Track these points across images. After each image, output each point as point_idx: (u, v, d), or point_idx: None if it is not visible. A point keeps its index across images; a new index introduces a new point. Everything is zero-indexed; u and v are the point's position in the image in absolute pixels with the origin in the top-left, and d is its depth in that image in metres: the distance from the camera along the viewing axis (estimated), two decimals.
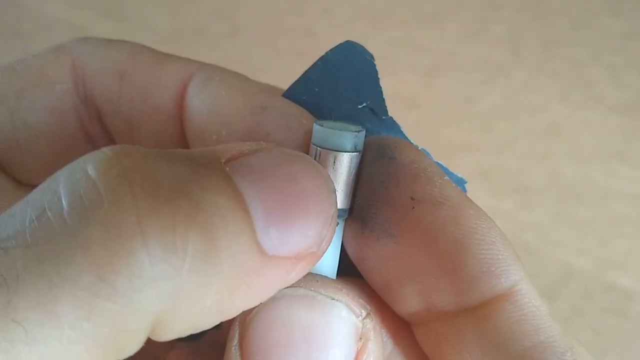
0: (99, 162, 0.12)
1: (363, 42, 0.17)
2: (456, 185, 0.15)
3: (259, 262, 0.13)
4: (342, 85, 0.17)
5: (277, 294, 0.15)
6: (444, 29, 0.46)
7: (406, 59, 0.45)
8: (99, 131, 0.21)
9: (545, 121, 0.43)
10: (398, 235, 0.15)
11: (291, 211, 0.14)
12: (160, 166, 0.13)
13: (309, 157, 0.15)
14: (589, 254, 0.39)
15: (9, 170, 0.20)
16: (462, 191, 0.15)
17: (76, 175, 0.12)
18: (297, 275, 0.14)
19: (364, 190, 0.16)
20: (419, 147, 0.17)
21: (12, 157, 0.20)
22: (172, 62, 0.19)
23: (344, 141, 0.16)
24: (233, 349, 0.15)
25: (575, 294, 0.39)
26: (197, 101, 0.18)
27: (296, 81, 0.18)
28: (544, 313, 0.14)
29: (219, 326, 0.15)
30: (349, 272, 0.17)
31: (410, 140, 0.17)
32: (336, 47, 0.17)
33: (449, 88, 0.44)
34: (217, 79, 0.18)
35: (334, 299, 0.15)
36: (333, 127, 0.16)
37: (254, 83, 0.18)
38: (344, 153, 0.16)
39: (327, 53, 0.17)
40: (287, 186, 0.14)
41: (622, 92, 0.43)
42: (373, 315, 0.16)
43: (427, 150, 0.17)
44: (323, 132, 0.16)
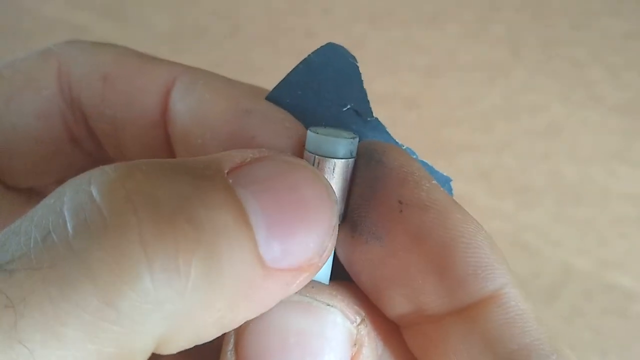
0: (103, 185, 0.12)
1: (363, 42, 0.17)
2: (444, 189, 0.16)
3: (260, 276, 0.13)
4: (326, 88, 0.17)
5: None
6: (444, 29, 0.46)
7: (406, 59, 0.45)
8: (85, 134, 0.21)
9: (545, 121, 0.43)
10: (386, 238, 0.15)
11: (293, 223, 0.14)
12: (162, 185, 0.13)
13: (311, 166, 0.15)
14: (589, 254, 0.39)
15: None
16: (449, 195, 0.16)
17: (81, 197, 0.12)
18: (298, 286, 0.14)
19: (353, 194, 0.16)
20: (403, 147, 0.17)
21: (0, 161, 0.20)
22: (157, 65, 0.19)
23: (340, 148, 0.16)
24: (229, 353, 0.15)
25: (575, 294, 0.39)
26: (181, 105, 0.18)
27: (279, 84, 0.18)
28: (530, 316, 0.15)
29: None
30: (339, 275, 0.17)
31: (397, 140, 0.17)
32: (318, 50, 0.17)
33: (449, 88, 0.44)
34: (201, 82, 0.18)
35: (329, 305, 0.15)
36: (327, 134, 0.16)
37: (238, 86, 0.18)
38: (342, 160, 0.16)
39: (309, 55, 0.17)
40: (289, 197, 0.14)
41: (622, 92, 0.43)
42: (367, 321, 0.16)
43: (413, 150, 0.17)
44: (318, 139, 0.16)
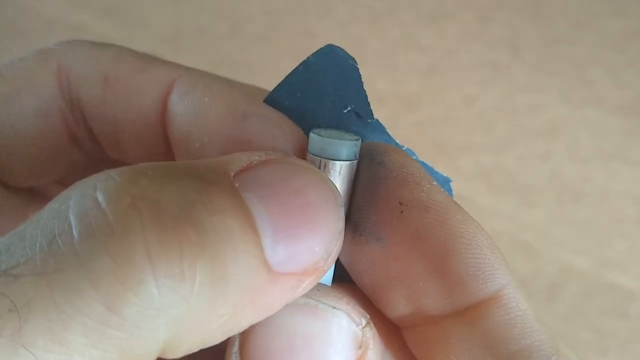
0: (109, 191, 0.12)
1: (363, 42, 0.17)
2: (444, 190, 0.16)
3: (266, 280, 0.13)
4: (326, 90, 0.17)
5: None
6: (444, 29, 0.46)
7: (406, 59, 0.45)
8: (84, 134, 0.21)
9: (545, 121, 0.43)
10: (386, 239, 0.15)
11: (299, 227, 0.14)
12: (167, 191, 0.13)
13: (317, 170, 0.15)
14: (589, 254, 0.39)
15: None
16: (449, 196, 0.16)
17: (86, 203, 0.12)
18: (303, 290, 0.14)
19: (354, 195, 0.16)
20: (404, 148, 0.17)
21: (0, 160, 0.20)
22: (156, 67, 0.19)
23: (345, 150, 0.16)
24: (233, 355, 0.15)
25: (575, 294, 0.39)
26: (179, 108, 0.18)
27: (278, 85, 0.18)
28: (530, 317, 0.15)
29: None
30: (340, 276, 0.17)
31: (397, 142, 0.17)
32: (318, 52, 0.17)
33: (449, 88, 0.44)
34: (201, 84, 0.18)
35: (334, 307, 0.15)
36: (331, 136, 0.16)
37: (237, 88, 0.18)
38: (347, 162, 0.16)
39: (308, 58, 0.17)
40: (295, 201, 0.14)
41: (622, 92, 0.43)
42: (372, 324, 0.16)
43: (413, 151, 0.17)
44: (322, 142, 0.16)
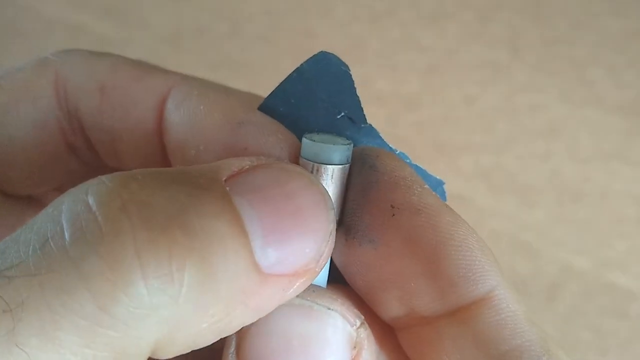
0: (100, 195, 0.13)
1: (363, 42, 0.17)
2: (435, 194, 0.16)
3: (256, 282, 0.13)
4: (319, 96, 0.17)
5: None
6: (444, 29, 0.46)
7: (406, 59, 0.45)
8: (82, 144, 0.21)
9: (545, 121, 0.43)
10: (378, 241, 0.15)
11: (289, 230, 0.14)
12: (157, 194, 0.13)
13: (308, 174, 0.15)
14: (589, 254, 0.39)
15: None
16: (441, 199, 0.16)
17: (78, 207, 0.13)
18: (295, 291, 0.14)
19: (347, 199, 0.16)
20: (397, 151, 0.17)
21: None
22: (152, 75, 0.19)
23: (337, 154, 0.16)
24: (230, 356, 0.15)
25: (575, 294, 0.39)
26: (175, 116, 0.18)
27: (272, 92, 0.18)
28: (521, 318, 0.15)
29: None
30: (334, 278, 0.17)
31: (390, 145, 0.18)
32: (311, 58, 0.17)
33: (449, 88, 0.44)
34: (196, 92, 0.18)
35: (330, 308, 0.16)
36: (323, 141, 0.16)
37: (233, 96, 0.18)
38: (339, 166, 0.16)
39: (302, 65, 0.17)
40: (286, 205, 0.14)
41: (622, 92, 0.43)
42: (367, 325, 0.16)
43: (406, 154, 0.18)
44: (315, 147, 0.16)
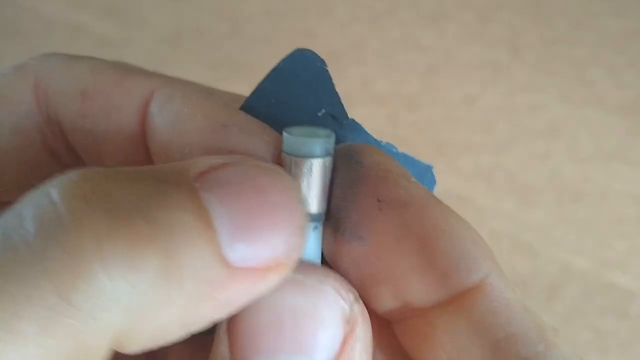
0: (62, 187, 0.13)
1: (363, 42, 0.17)
2: (424, 187, 0.16)
3: (224, 275, 0.13)
4: (298, 94, 0.17)
5: None
6: (444, 29, 0.46)
7: (406, 59, 0.45)
8: (64, 149, 0.20)
9: (545, 121, 0.43)
10: (367, 237, 0.15)
11: (258, 224, 0.14)
12: (121, 187, 0.13)
13: (278, 168, 0.15)
14: (588, 254, 0.39)
15: None
16: (429, 191, 0.16)
17: (41, 199, 0.13)
18: (266, 286, 0.14)
19: (335, 196, 0.16)
20: (382, 143, 0.17)
21: None
22: (134, 78, 0.19)
23: (316, 148, 0.16)
24: (221, 333, 0.15)
25: (575, 294, 0.39)
26: (158, 119, 0.18)
27: (252, 92, 0.18)
28: (515, 305, 0.15)
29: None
30: None
31: (375, 138, 0.18)
32: (287, 57, 0.17)
33: (449, 88, 0.44)
34: (179, 95, 0.18)
35: (322, 283, 0.15)
36: (303, 135, 0.16)
37: (217, 97, 0.18)
38: (319, 159, 0.16)
39: (278, 63, 0.17)
40: (254, 200, 0.14)
41: (622, 92, 0.43)
42: (361, 301, 0.16)
43: (393, 144, 0.17)
44: (294, 140, 0.16)
